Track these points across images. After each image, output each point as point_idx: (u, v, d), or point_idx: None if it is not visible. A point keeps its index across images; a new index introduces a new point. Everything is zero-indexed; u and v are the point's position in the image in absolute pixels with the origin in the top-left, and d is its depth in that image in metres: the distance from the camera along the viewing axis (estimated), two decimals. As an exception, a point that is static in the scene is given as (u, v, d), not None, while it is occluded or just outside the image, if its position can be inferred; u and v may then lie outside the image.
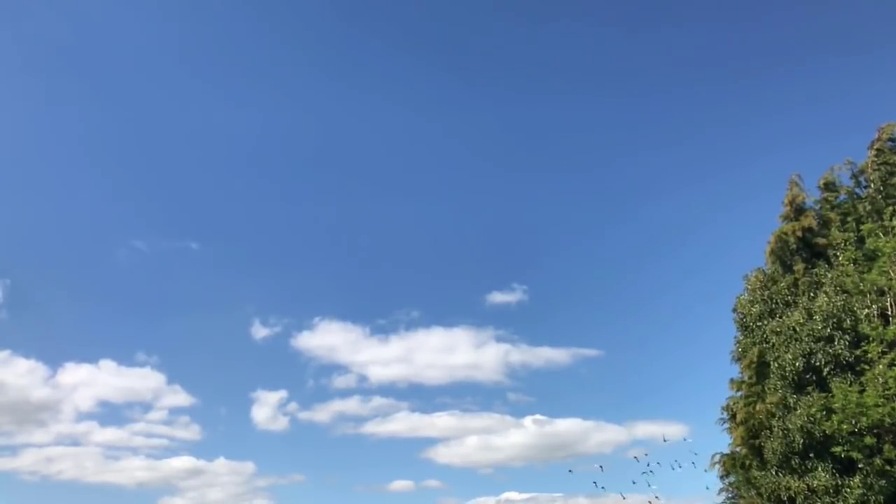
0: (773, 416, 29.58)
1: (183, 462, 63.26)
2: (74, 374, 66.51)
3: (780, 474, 28.91)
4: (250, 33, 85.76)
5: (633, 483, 29.26)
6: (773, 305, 32.10)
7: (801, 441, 27.93)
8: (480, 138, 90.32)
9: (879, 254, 27.95)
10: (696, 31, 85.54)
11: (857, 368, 27.75)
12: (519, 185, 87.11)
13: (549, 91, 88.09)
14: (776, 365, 29.97)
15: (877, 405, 25.12)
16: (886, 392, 25.34)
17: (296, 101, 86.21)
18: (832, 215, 32.85)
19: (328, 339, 70.01)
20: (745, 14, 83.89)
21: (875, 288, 27.83)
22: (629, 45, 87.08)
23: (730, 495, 34.38)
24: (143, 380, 66.71)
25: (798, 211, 33.47)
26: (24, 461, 62.57)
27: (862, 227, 30.47)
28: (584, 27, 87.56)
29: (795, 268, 32.41)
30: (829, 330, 28.69)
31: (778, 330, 30.47)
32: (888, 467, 26.52)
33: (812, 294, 30.72)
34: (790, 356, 29.31)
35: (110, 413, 69.24)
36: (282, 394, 67.79)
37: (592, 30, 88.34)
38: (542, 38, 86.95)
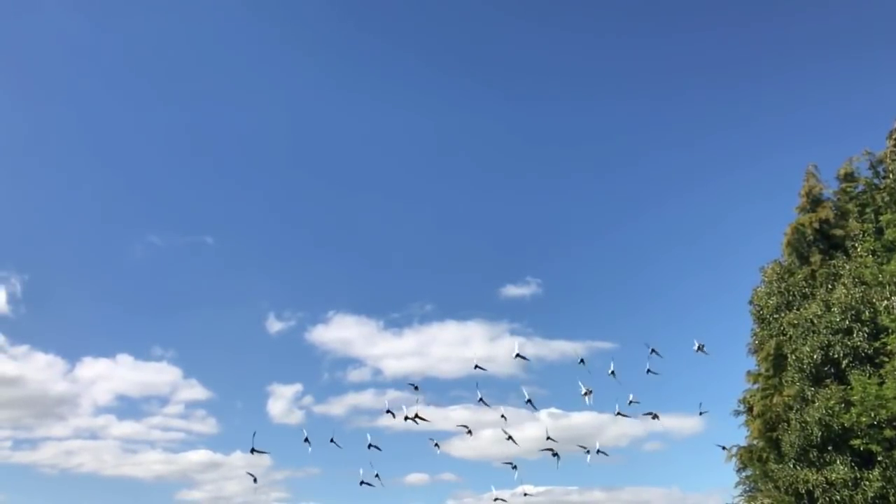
0: (791, 408, 29.37)
1: (200, 455, 63.65)
2: (92, 368, 67.09)
3: (798, 467, 28.73)
4: (264, 34, 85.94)
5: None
6: (791, 297, 31.81)
7: (820, 434, 27.74)
8: (494, 136, 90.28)
9: (899, 244, 27.63)
10: (712, 31, 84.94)
11: (877, 360, 27.49)
12: (534, 181, 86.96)
13: (563, 92, 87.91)
14: (793, 357, 29.73)
15: (896, 397, 24.89)
16: (906, 384, 25.10)
17: (310, 100, 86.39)
18: (850, 206, 32.41)
19: (342, 332, 70.13)
20: (758, 14, 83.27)
21: (894, 279, 27.49)
22: (645, 47, 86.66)
23: (747, 488, 34.23)
24: (159, 374, 67.15)
25: (815, 202, 33.07)
26: (44, 454, 63.26)
27: (881, 217, 30.09)
28: (601, 31, 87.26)
29: (812, 259, 32.08)
30: (847, 322, 28.39)
31: (795, 322, 30.21)
32: (908, 460, 26.31)
33: (830, 286, 30.41)
34: (808, 348, 29.07)
35: (128, 407, 69.88)
36: (297, 387, 68.08)
37: (608, 33, 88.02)
38: (556, 42, 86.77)
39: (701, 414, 33.12)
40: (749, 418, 33.19)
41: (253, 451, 24.96)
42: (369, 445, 25.60)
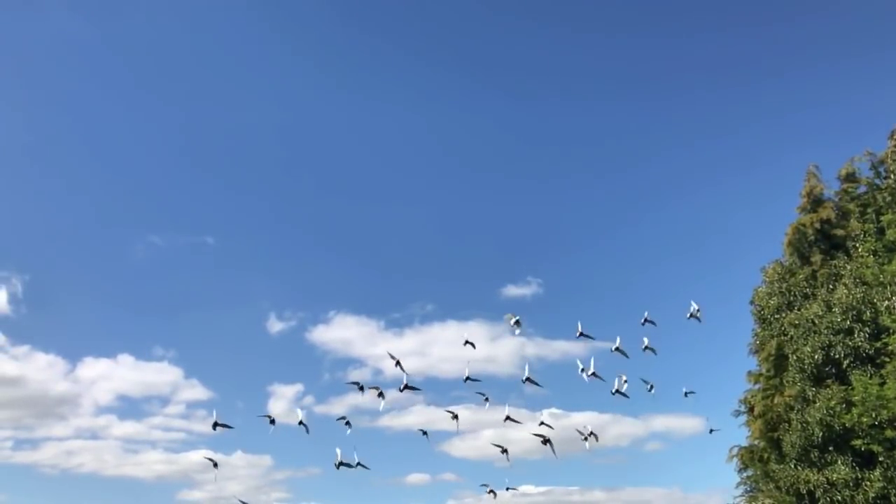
0: (792, 409, 29.38)
1: (201, 455, 63.33)
2: (93, 368, 66.96)
3: (799, 468, 28.74)
4: (266, 35, 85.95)
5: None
6: (792, 298, 31.81)
7: (821, 434, 27.73)
8: (496, 137, 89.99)
9: (900, 245, 27.63)
10: (713, 33, 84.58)
11: (878, 361, 27.50)
12: (535, 181, 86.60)
13: (564, 93, 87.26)
14: (795, 358, 29.74)
15: (897, 398, 24.91)
16: (907, 384, 25.11)
17: (311, 101, 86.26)
18: (851, 206, 32.38)
19: (343, 332, 70.10)
20: (759, 16, 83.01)
21: (895, 279, 27.51)
22: (645, 48, 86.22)
23: (748, 489, 34.27)
24: (160, 374, 67.06)
25: (816, 202, 33.05)
26: (45, 454, 63.22)
27: (882, 217, 30.10)
28: (601, 32, 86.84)
29: (813, 259, 32.07)
30: (848, 322, 28.38)
31: (796, 322, 30.22)
32: (909, 460, 26.32)
33: (831, 286, 30.42)
34: (809, 349, 29.07)
35: (129, 407, 69.72)
36: (298, 387, 68.01)
37: (608, 34, 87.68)
38: (556, 42, 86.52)
39: (686, 395, 31.50)
40: (750, 418, 33.21)
41: (216, 425, 24.25)
42: (347, 422, 24.61)
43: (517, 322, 25.22)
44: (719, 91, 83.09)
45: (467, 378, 25.06)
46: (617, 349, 26.09)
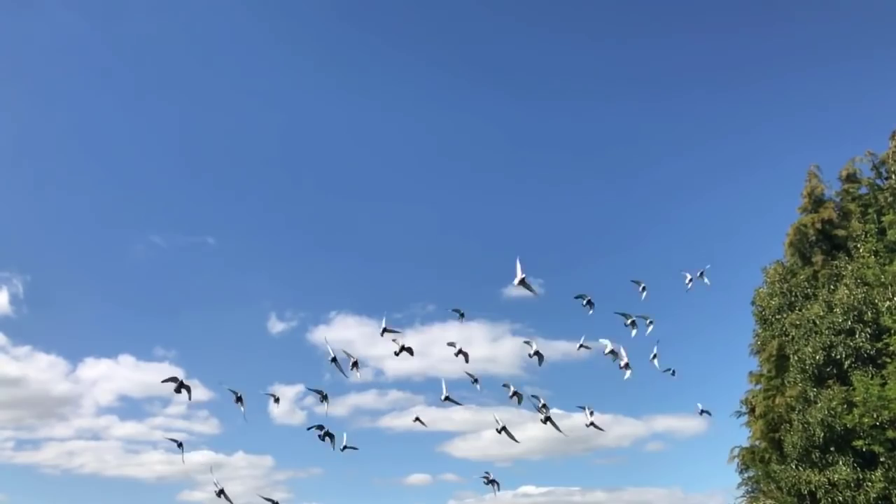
0: (793, 409, 29.37)
1: (202, 456, 63.18)
2: (94, 368, 66.93)
3: (801, 468, 28.72)
4: (266, 35, 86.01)
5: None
6: (793, 298, 31.78)
7: (822, 435, 27.71)
8: (496, 138, 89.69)
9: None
10: (716, 34, 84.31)
11: (879, 361, 27.50)
12: (536, 182, 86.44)
13: (565, 94, 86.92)
14: (796, 358, 29.73)
15: (899, 398, 24.90)
16: (909, 385, 25.11)
17: (312, 102, 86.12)
18: (852, 207, 32.33)
19: (344, 333, 70.18)
20: (760, 17, 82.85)
21: (896, 280, 27.52)
22: (645, 50, 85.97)
23: (749, 489, 34.25)
24: (161, 374, 65.83)
25: (817, 202, 33.01)
26: (46, 455, 63.29)
27: (883, 218, 30.10)
28: (602, 34, 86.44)
29: (814, 260, 32.04)
30: (849, 322, 28.36)
31: (797, 323, 30.21)
32: (910, 461, 26.30)
33: (832, 286, 30.39)
34: (810, 349, 29.07)
35: (130, 407, 69.76)
36: (299, 388, 68.06)
37: (609, 36, 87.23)
38: (557, 44, 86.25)
39: (673, 374, 30.52)
40: (751, 419, 33.19)
41: (180, 387, 23.09)
42: (324, 396, 23.64)
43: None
44: (720, 92, 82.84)
45: (460, 352, 24.19)
46: (632, 322, 25.35)
